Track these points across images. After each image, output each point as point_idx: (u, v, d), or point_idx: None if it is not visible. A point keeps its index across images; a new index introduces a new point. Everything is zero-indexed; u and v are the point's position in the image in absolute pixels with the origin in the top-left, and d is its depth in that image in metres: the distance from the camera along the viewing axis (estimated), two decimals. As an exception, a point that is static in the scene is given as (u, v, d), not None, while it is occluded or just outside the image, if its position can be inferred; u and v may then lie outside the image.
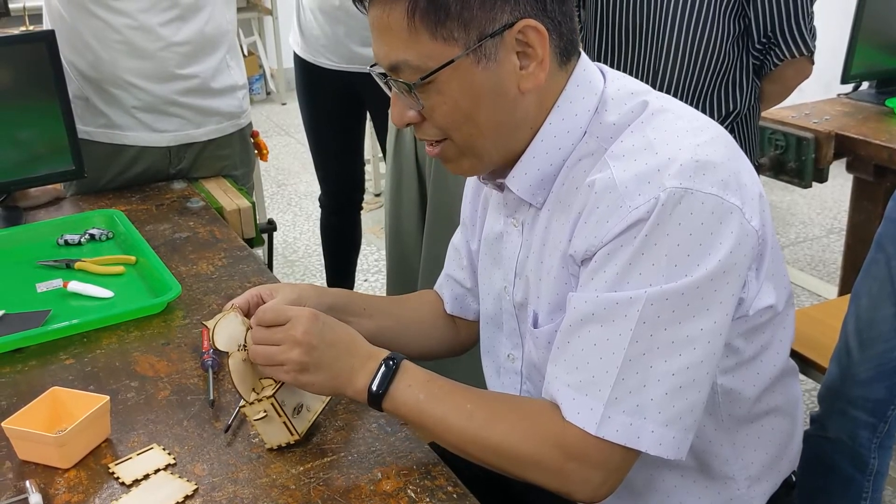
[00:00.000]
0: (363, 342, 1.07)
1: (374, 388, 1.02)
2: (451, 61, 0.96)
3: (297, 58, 2.69)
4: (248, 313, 1.14)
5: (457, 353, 1.37)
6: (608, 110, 1.03)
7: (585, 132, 1.03)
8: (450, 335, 1.34)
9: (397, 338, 1.28)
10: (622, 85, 1.06)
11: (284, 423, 1.08)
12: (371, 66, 1.05)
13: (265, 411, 1.07)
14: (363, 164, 2.94)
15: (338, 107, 2.67)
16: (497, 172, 1.11)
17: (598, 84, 1.04)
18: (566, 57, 1.03)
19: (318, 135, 2.77)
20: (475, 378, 1.22)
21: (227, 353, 1.07)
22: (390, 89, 1.03)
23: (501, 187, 1.10)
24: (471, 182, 1.29)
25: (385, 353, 1.05)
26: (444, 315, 1.34)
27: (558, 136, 1.03)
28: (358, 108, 2.68)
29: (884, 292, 1.44)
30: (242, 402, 1.08)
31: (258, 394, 1.07)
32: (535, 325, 1.09)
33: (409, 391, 1.02)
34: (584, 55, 1.06)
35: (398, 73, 0.99)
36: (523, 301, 1.13)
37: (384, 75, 1.02)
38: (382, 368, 1.03)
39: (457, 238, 1.34)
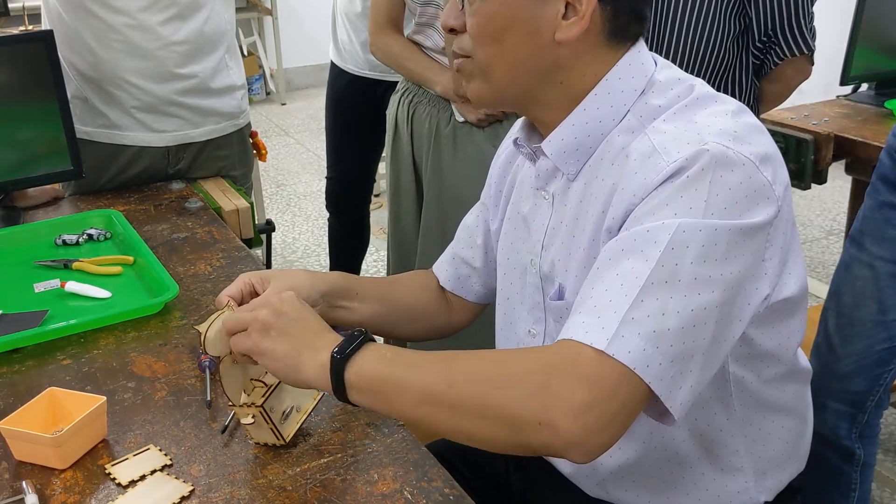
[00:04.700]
0: (333, 333, 1.01)
1: (336, 350, 0.95)
2: None
3: (331, 62, 2.84)
4: (241, 302, 1.14)
5: (446, 336, 1.36)
6: (654, 93, 1.04)
7: (629, 111, 1.04)
8: (441, 317, 1.34)
9: (390, 322, 1.28)
10: (671, 73, 1.08)
11: (272, 429, 1.08)
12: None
13: (254, 417, 1.07)
14: (376, 161, 2.97)
15: (360, 109, 2.76)
16: (534, 137, 1.12)
17: (649, 68, 1.06)
18: (616, 36, 1.04)
19: (336, 128, 2.85)
20: None
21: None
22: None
23: (536, 154, 1.11)
24: (498, 163, 1.28)
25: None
26: (438, 296, 1.34)
27: (601, 108, 1.04)
28: (378, 110, 2.71)
29: (867, 291, 1.45)
30: (232, 404, 1.08)
31: (248, 396, 1.07)
32: (560, 298, 1.09)
33: (377, 351, 0.95)
34: (642, 42, 1.08)
35: None
36: (549, 273, 1.12)
37: None
38: (348, 338, 0.97)
39: (470, 219, 1.34)
